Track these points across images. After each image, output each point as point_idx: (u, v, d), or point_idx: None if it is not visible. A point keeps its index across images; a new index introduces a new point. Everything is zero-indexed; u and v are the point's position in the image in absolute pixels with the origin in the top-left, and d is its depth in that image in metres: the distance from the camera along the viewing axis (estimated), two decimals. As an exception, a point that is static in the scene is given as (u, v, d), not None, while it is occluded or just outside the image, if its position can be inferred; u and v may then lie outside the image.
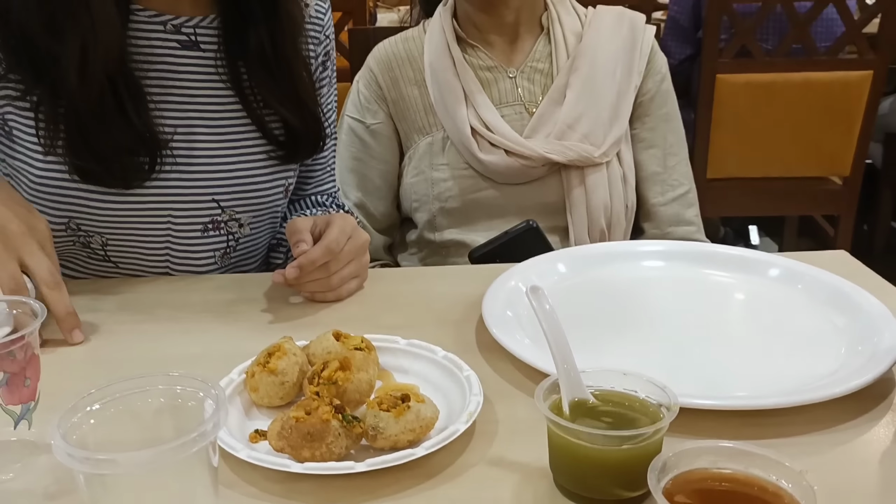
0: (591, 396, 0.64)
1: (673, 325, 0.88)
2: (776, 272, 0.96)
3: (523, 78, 1.28)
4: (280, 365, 0.72)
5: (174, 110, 1.00)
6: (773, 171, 2.47)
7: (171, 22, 0.99)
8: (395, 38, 1.34)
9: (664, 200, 1.31)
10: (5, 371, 0.67)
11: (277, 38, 1.01)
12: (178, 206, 1.02)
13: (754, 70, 2.32)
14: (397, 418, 0.66)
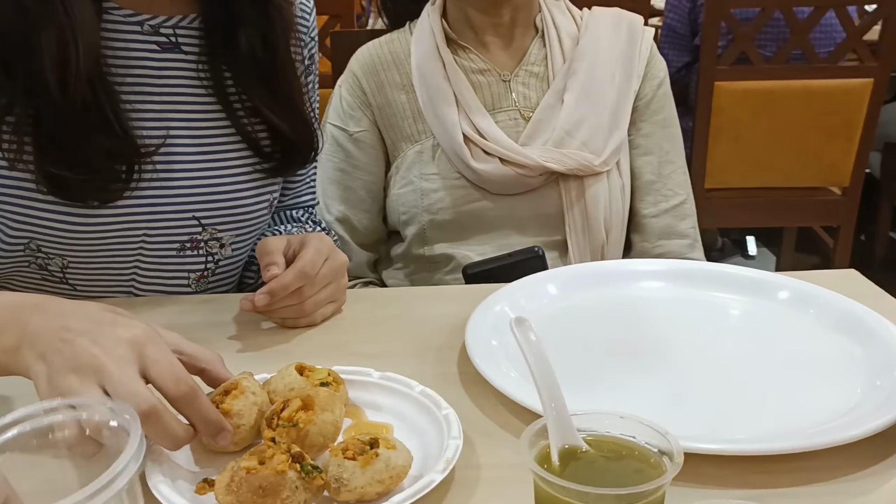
0: (584, 443, 0.56)
1: (673, 355, 0.81)
2: (785, 295, 0.88)
3: (518, 82, 1.21)
4: (235, 406, 0.64)
5: (153, 118, 0.92)
6: (772, 181, 2.41)
7: (148, 22, 0.91)
8: (380, 40, 1.27)
9: (656, 212, 1.23)
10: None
11: (270, 40, 0.94)
12: (154, 223, 0.94)
13: (753, 77, 2.26)
14: (364, 468, 0.58)
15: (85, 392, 0.59)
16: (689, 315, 0.88)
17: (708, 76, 2.25)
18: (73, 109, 0.83)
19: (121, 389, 0.59)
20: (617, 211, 1.20)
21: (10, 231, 0.89)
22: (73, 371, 0.60)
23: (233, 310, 0.93)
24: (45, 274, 0.95)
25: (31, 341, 0.63)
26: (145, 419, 0.58)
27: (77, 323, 0.63)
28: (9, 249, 0.91)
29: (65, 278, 0.95)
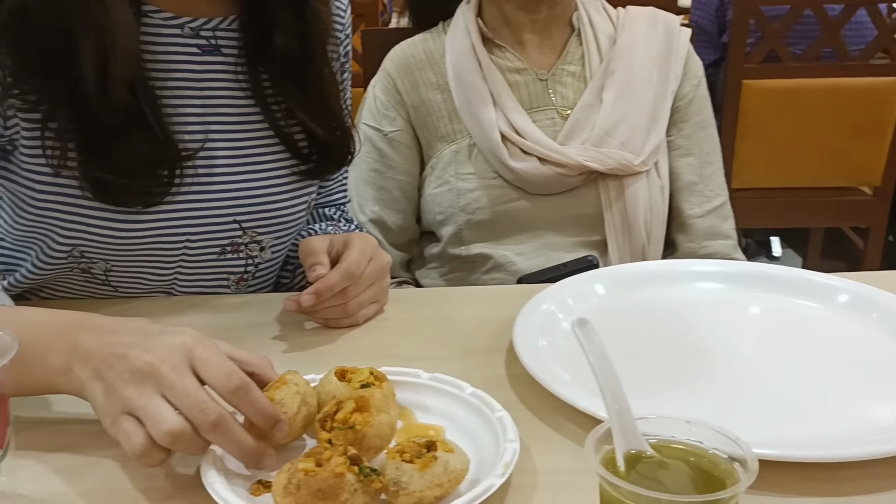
0: (650, 448, 0.55)
1: (727, 358, 0.79)
2: (845, 298, 0.86)
3: (555, 81, 1.20)
4: (277, 395, 0.63)
5: (193, 122, 0.91)
6: (801, 181, 2.38)
7: (188, 24, 0.90)
8: (413, 39, 1.26)
9: (700, 212, 1.22)
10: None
11: (307, 42, 0.93)
12: (195, 227, 0.93)
13: (782, 75, 2.23)
14: (422, 471, 0.57)
15: (147, 403, 0.59)
16: (744, 317, 0.87)
17: (736, 74, 2.22)
18: (112, 114, 0.82)
19: (186, 401, 0.59)
20: (657, 212, 1.19)
21: (58, 238, 0.89)
22: (132, 383, 0.60)
23: (274, 310, 0.92)
24: (88, 276, 0.94)
25: (82, 360, 0.63)
26: (215, 429, 0.59)
27: (126, 337, 0.64)
28: (55, 257, 0.91)
29: (107, 280, 0.95)
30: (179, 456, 0.64)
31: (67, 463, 0.65)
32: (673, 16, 1.26)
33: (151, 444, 0.59)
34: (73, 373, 0.63)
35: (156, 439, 0.59)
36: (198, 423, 0.59)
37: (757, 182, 2.38)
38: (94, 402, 0.62)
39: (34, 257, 0.92)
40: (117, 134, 0.83)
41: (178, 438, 0.59)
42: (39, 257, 0.92)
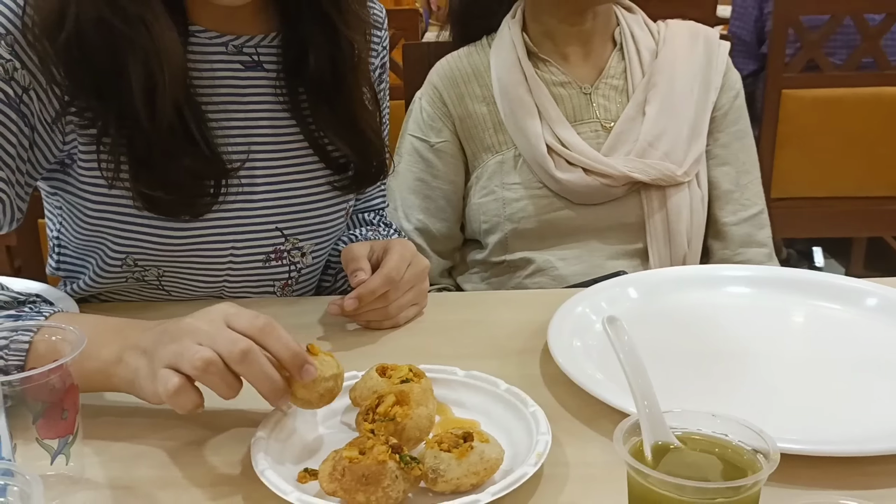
0: (676, 440, 0.57)
1: (760, 360, 0.81)
2: (874, 301, 0.88)
3: (598, 94, 1.22)
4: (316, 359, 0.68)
5: (237, 135, 0.95)
6: (842, 191, 2.36)
7: (232, 42, 0.94)
8: (459, 52, 1.29)
9: (736, 220, 1.24)
10: (42, 402, 0.63)
11: (339, 67, 0.96)
12: (240, 235, 0.97)
13: (822, 85, 2.23)
14: (460, 460, 0.60)
15: (181, 347, 0.64)
16: (774, 321, 0.88)
17: (776, 84, 2.22)
18: (161, 133, 0.86)
19: (218, 339, 0.65)
20: (698, 221, 1.21)
21: (113, 246, 0.94)
22: (173, 342, 0.66)
23: (317, 312, 0.97)
24: (143, 283, 0.99)
25: (131, 348, 0.69)
26: (244, 357, 0.64)
27: (172, 325, 0.69)
28: (111, 265, 0.96)
29: (161, 285, 1.00)
30: (226, 448, 0.68)
31: (126, 451, 0.70)
32: (712, 30, 1.28)
33: (185, 382, 0.64)
34: (123, 361, 0.69)
35: (188, 372, 0.64)
36: (227, 354, 0.64)
37: (798, 191, 2.36)
38: (139, 375, 0.68)
39: (94, 265, 0.98)
40: (165, 151, 0.87)
41: (209, 367, 0.63)
42: (99, 265, 0.97)
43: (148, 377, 0.67)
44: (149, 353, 0.68)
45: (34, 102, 0.86)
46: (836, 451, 0.62)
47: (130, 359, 0.69)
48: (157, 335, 0.68)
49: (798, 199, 2.38)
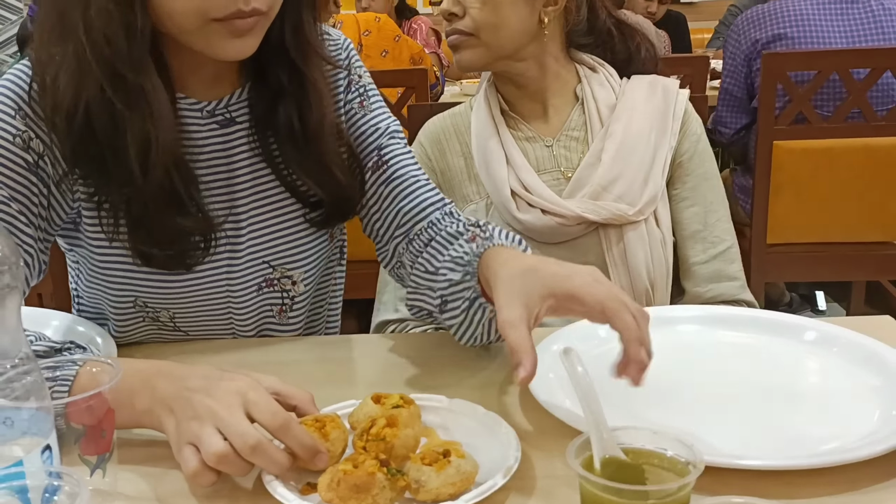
0: (622, 453, 0.67)
1: (707, 388, 0.91)
2: (812, 335, 0.97)
3: (560, 146, 1.34)
4: (332, 434, 0.76)
5: (221, 187, 1.06)
6: (836, 237, 2.44)
7: (206, 108, 1.04)
8: (444, 114, 1.43)
9: (705, 258, 1.33)
10: (84, 424, 0.74)
11: (304, 112, 1.04)
12: (232, 273, 1.07)
13: (811, 136, 2.32)
14: (439, 472, 0.70)
15: (202, 433, 0.74)
16: (722, 354, 0.98)
17: (766, 135, 2.31)
18: (153, 193, 0.95)
19: (232, 430, 0.73)
20: (659, 260, 1.29)
21: (114, 292, 1.06)
22: (195, 419, 0.75)
23: (320, 349, 1.08)
24: (159, 324, 1.10)
25: (160, 401, 0.79)
26: (254, 451, 0.73)
27: (194, 382, 0.79)
28: (120, 305, 1.07)
29: (175, 326, 1.10)
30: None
31: (155, 468, 0.80)
32: (673, 80, 1.37)
33: (203, 466, 0.73)
34: (154, 412, 0.79)
35: (206, 461, 0.73)
36: (239, 447, 0.72)
37: (793, 237, 2.43)
38: (168, 434, 0.78)
39: (109, 312, 1.09)
40: (157, 210, 0.97)
41: (222, 459, 0.73)
42: (112, 311, 1.08)
43: (174, 445, 0.77)
44: (176, 416, 0.77)
45: (48, 167, 0.98)
46: (759, 465, 0.71)
47: (161, 414, 0.79)
48: (184, 401, 0.77)
49: (793, 244, 2.46)
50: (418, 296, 1.04)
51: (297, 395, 0.81)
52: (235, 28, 0.92)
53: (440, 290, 0.98)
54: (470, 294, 0.95)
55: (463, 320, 0.97)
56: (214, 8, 0.90)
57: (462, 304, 0.96)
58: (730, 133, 2.62)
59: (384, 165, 1.12)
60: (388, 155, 1.12)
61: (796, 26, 2.45)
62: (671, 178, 1.34)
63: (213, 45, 0.93)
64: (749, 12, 2.56)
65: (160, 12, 0.91)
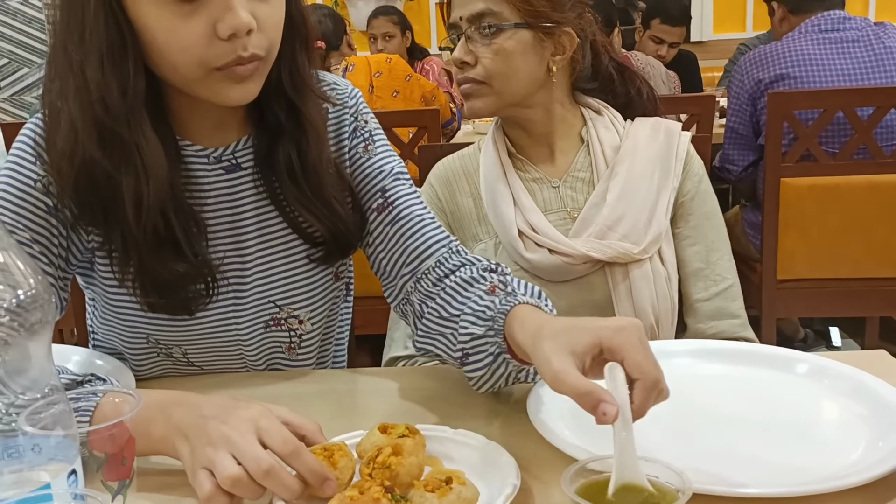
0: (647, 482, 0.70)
1: (699, 418, 0.94)
2: (804, 368, 1.01)
3: (566, 187, 1.38)
4: (340, 463, 0.80)
5: (226, 230, 1.10)
6: (845, 272, 2.45)
7: (212, 154, 1.08)
8: (453, 155, 1.48)
9: (707, 296, 1.36)
10: (106, 452, 0.78)
11: (303, 149, 1.08)
12: (238, 313, 1.11)
13: (818, 173, 2.35)
14: (441, 498, 0.73)
15: (216, 458, 0.78)
16: (714, 386, 1.01)
17: (774, 173, 2.34)
18: (147, 242, 1.00)
19: (246, 455, 0.77)
20: (664, 297, 1.33)
21: (127, 330, 1.11)
22: (210, 445, 0.79)
23: (329, 382, 1.13)
24: (174, 360, 1.14)
25: (175, 429, 0.83)
26: (267, 475, 0.76)
27: (209, 410, 0.83)
28: (134, 341, 1.12)
29: (189, 361, 1.14)
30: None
31: (170, 497, 0.84)
32: (675, 123, 1.42)
33: (217, 490, 0.77)
34: (168, 440, 0.83)
35: (220, 484, 0.77)
36: (253, 472, 0.76)
37: (803, 273, 2.45)
38: (183, 460, 0.82)
39: (124, 349, 1.13)
40: (152, 258, 1.01)
41: (236, 483, 0.76)
42: (126, 347, 1.13)
43: (189, 470, 0.81)
44: (191, 443, 0.81)
45: (65, 210, 1.03)
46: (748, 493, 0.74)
47: (176, 441, 0.83)
48: (198, 428, 0.81)
49: (803, 280, 2.47)
50: (430, 340, 1.06)
51: (305, 425, 0.85)
52: (236, 75, 0.96)
53: (461, 345, 0.99)
54: (494, 349, 0.96)
55: (485, 374, 0.98)
56: (215, 58, 0.94)
57: (485, 359, 0.97)
58: (737, 170, 2.66)
59: (389, 206, 1.14)
60: (393, 196, 1.15)
61: (798, 66, 2.50)
62: (674, 217, 1.38)
63: (216, 92, 0.98)
64: (752, 53, 2.61)
65: (163, 67, 0.97)
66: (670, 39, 3.95)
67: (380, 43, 4.29)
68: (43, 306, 0.65)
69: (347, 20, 5.42)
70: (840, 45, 2.51)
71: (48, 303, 0.66)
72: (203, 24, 0.93)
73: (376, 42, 4.32)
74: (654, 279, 1.32)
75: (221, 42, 0.93)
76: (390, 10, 4.51)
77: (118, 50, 0.94)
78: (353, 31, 4.71)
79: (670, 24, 3.95)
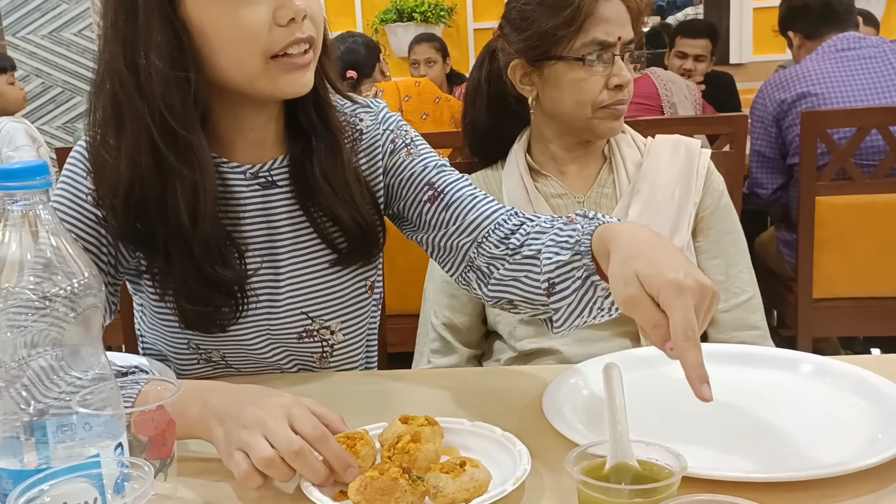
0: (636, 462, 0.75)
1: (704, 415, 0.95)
2: (808, 368, 1.04)
3: (591, 202, 1.43)
4: (362, 451, 0.86)
5: (262, 243, 1.15)
6: (882, 291, 2.43)
7: (249, 171, 1.14)
8: (477, 174, 1.52)
9: (727, 307, 1.39)
10: (148, 435, 0.84)
11: (335, 151, 1.14)
12: (272, 323, 1.17)
13: (854, 191, 2.35)
14: (455, 479, 0.79)
15: (251, 440, 0.84)
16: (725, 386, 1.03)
17: (809, 192, 2.34)
18: (201, 243, 1.05)
19: (279, 437, 0.83)
20: None
21: (171, 335, 1.17)
22: (244, 427, 0.86)
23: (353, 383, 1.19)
24: (214, 364, 1.21)
25: (211, 412, 0.89)
26: (296, 456, 0.82)
27: (244, 396, 0.90)
28: (177, 346, 1.18)
29: (228, 364, 1.21)
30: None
31: (208, 481, 0.90)
32: (695, 140, 1.47)
33: (253, 469, 0.83)
34: (203, 421, 0.88)
35: (255, 464, 0.83)
36: (284, 452, 0.82)
37: (839, 292, 2.44)
38: (217, 443, 0.88)
39: (168, 353, 1.20)
40: (203, 259, 1.06)
41: (270, 463, 0.82)
42: (171, 352, 1.19)
43: (224, 452, 0.87)
44: (225, 426, 0.86)
45: (117, 221, 1.08)
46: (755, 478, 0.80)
47: (211, 424, 0.89)
48: (233, 411, 0.86)
49: (840, 299, 2.45)
50: (506, 288, 1.08)
51: (329, 415, 0.90)
52: (294, 64, 1.03)
53: (546, 274, 1.00)
54: (582, 273, 0.97)
55: (572, 301, 0.98)
56: (275, 43, 1.01)
57: (573, 284, 0.98)
58: (767, 194, 2.66)
59: (440, 195, 1.18)
60: (441, 184, 1.19)
61: (820, 84, 2.52)
62: (694, 230, 1.42)
63: (277, 83, 1.04)
64: (771, 78, 2.65)
65: (224, 64, 1.03)
66: (693, 52, 3.99)
67: (422, 68, 4.40)
68: (94, 294, 0.73)
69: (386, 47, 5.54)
70: (858, 62, 2.53)
71: (99, 290, 0.73)
72: (264, 11, 1.00)
73: (418, 67, 4.43)
74: None
75: (280, 28, 1.00)
76: (432, 37, 4.65)
77: (178, 58, 1.01)
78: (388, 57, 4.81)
79: (691, 37, 4.02)
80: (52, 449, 0.75)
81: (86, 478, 0.70)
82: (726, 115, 2.67)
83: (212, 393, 0.91)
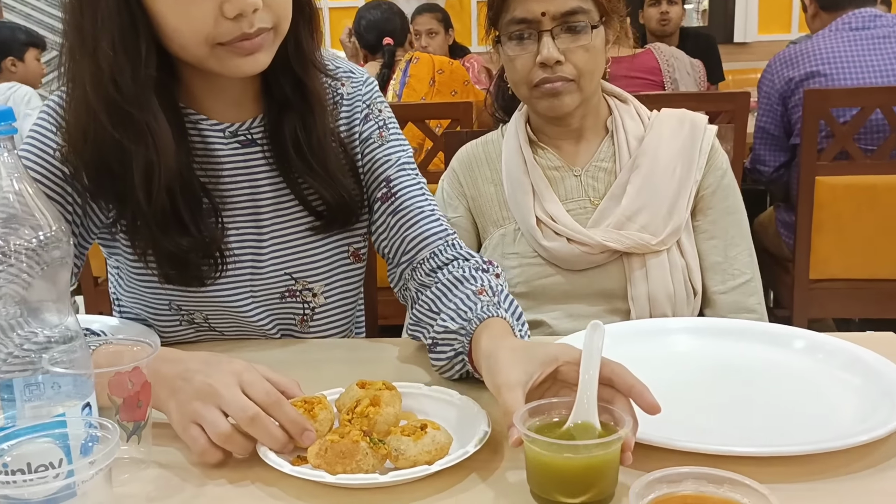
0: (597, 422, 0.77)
1: (697, 391, 0.99)
2: (801, 344, 1.05)
3: (588, 176, 1.41)
4: (320, 416, 0.86)
5: (245, 201, 1.15)
6: (880, 273, 2.42)
7: (227, 129, 1.13)
8: (477, 141, 1.52)
9: (724, 289, 1.38)
10: (120, 396, 0.83)
11: (309, 122, 1.13)
12: (255, 282, 1.17)
13: (854, 172, 2.34)
14: (416, 441, 0.80)
15: (206, 413, 0.83)
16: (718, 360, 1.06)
17: (809, 171, 2.33)
18: (155, 218, 1.05)
19: (232, 405, 0.83)
20: (680, 287, 1.35)
21: (151, 296, 1.17)
22: (197, 398, 0.85)
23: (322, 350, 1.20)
24: (196, 326, 1.20)
25: (162, 384, 0.86)
26: (252, 422, 0.82)
27: (193, 364, 0.87)
28: (158, 308, 1.17)
29: (210, 327, 1.21)
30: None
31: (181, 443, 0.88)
32: (701, 115, 1.43)
33: (210, 445, 0.83)
34: (156, 394, 0.86)
35: (213, 440, 0.83)
36: (240, 419, 0.81)
37: (836, 273, 2.44)
38: (170, 415, 0.87)
39: (148, 316, 1.20)
40: (161, 233, 1.06)
41: (228, 438, 0.82)
42: (151, 314, 1.19)
43: (178, 425, 0.85)
44: (178, 398, 0.85)
45: (84, 179, 1.08)
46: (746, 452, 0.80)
47: (162, 395, 0.86)
48: (183, 382, 0.85)
49: (837, 280, 2.45)
50: (418, 328, 1.13)
51: (283, 381, 0.89)
52: (243, 49, 1.00)
53: (433, 333, 1.05)
54: (458, 346, 1.01)
55: (445, 364, 1.03)
56: (220, 35, 0.99)
57: (448, 352, 1.02)
58: (769, 171, 2.64)
59: (392, 197, 1.20)
60: (397, 187, 1.20)
61: (830, 63, 2.49)
62: (694, 209, 1.40)
63: (225, 65, 1.02)
64: (781, 53, 2.60)
65: (173, 47, 1.03)
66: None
67: (423, 39, 4.22)
68: (61, 247, 0.73)
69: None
70: (871, 42, 2.49)
71: (66, 244, 0.74)
72: (211, 5, 0.97)
73: (420, 38, 4.22)
74: (670, 270, 1.34)
75: (227, 21, 0.98)
76: (434, 8, 4.48)
77: (130, 32, 1.00)
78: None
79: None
80: (20, 408, 0.76)
81: (51, 437, 0.71)
82: (728, 93, 2.65)
83: (163, 362, 0.88)
